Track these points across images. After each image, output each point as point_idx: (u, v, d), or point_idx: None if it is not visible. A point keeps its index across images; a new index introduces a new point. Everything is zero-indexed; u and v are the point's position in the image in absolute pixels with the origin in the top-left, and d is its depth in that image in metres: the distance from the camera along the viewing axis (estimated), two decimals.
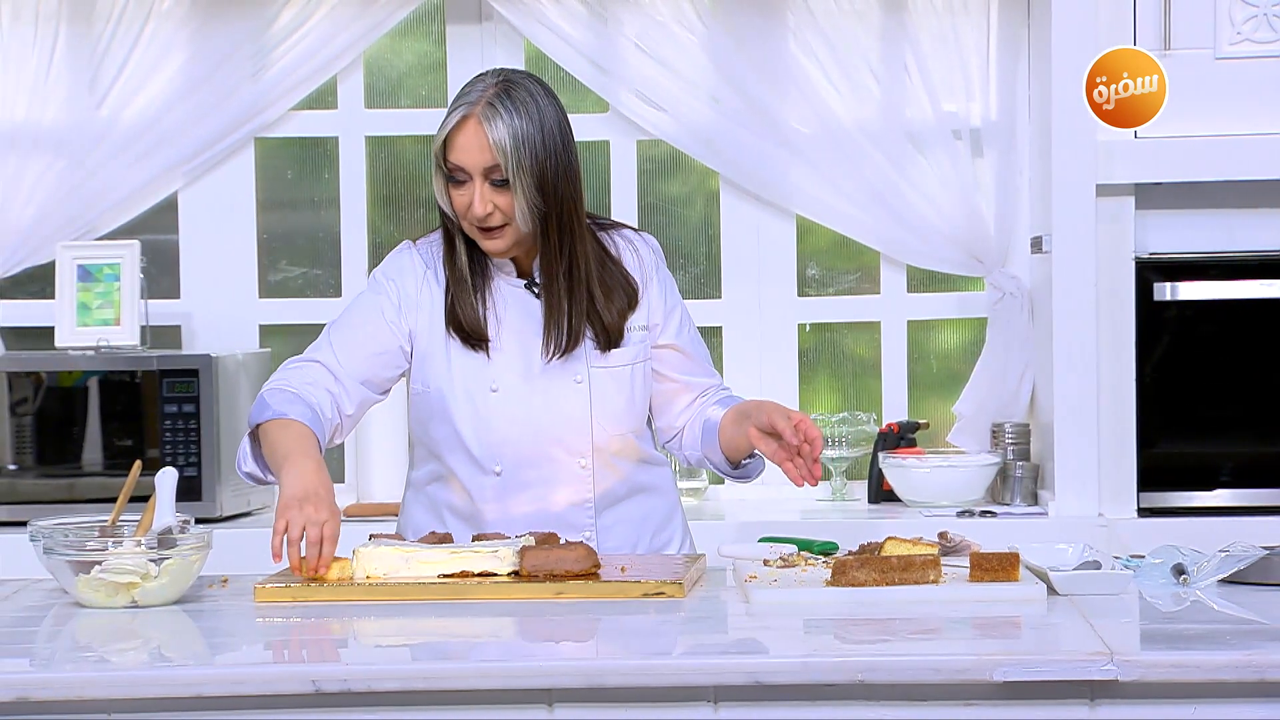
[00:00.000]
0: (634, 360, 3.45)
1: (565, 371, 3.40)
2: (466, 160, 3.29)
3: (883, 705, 2.56)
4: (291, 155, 5.21)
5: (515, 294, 3.42)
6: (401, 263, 3.46)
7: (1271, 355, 4.64)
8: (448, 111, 3.33)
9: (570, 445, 3.42)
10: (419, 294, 3.42)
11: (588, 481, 3.44)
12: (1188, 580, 3.08)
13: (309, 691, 2.55)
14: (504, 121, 3.27)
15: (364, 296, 3.48)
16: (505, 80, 3.33)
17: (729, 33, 4.94)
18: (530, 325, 3.41)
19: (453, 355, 3.40)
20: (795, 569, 3.16)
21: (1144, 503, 4.64)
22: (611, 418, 3.43)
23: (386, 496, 4.93)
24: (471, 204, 3.30)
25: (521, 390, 3.39)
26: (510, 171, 3.27)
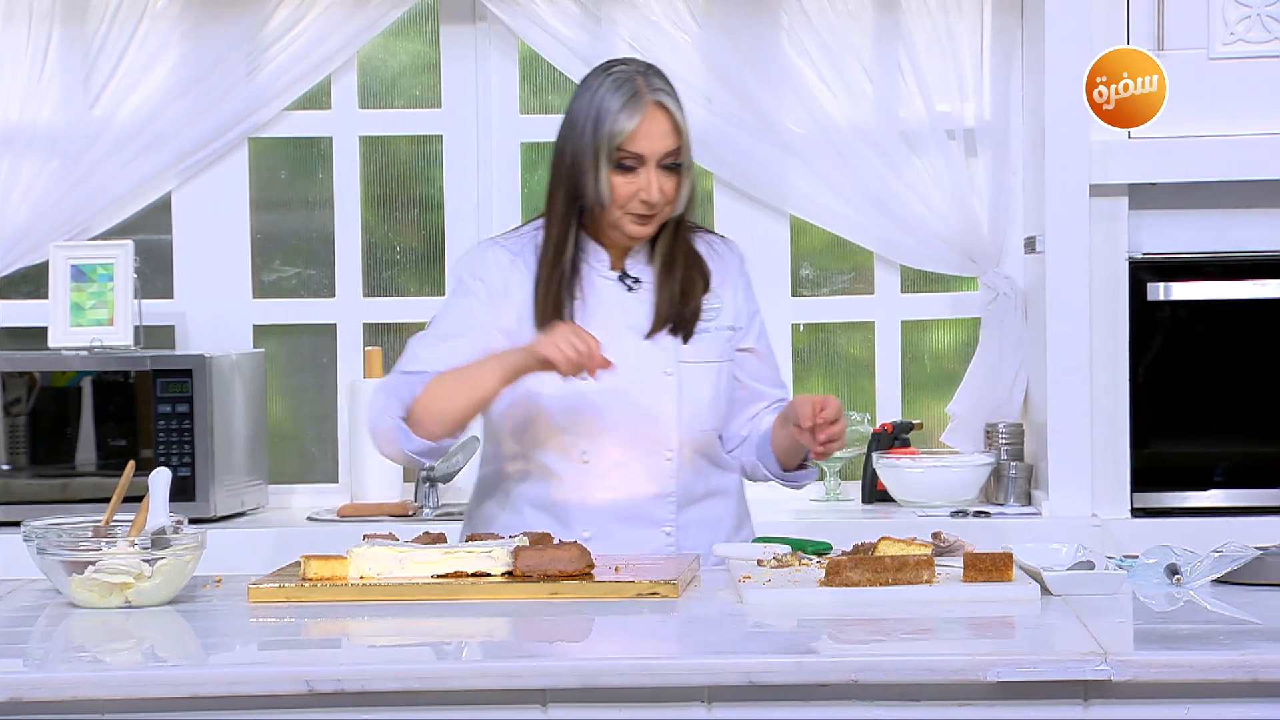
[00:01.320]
0: (720, 358, 3.49)
1: (655, 364, 3.44)
2: (648, 146, 3.35)
3: (877, 705, 2.56)
4: (285, 155, 5.20)
5: (608, 286, 3.46)
6: (486, 259, 3.48)
7: (1265, 355, 4.64)
8: (599, 107, 3.34)
9: (657, 437, 3.44)
10: (507, 287, 3.45)
11: (672, 475, 3.46)
12: (1181, 580, 3.08)
13: (303, 692, 2.55)
14: (677, 106, 3.38)
15: (451, 301, 3.49)
16: (647, 68, 3.40)
17: (723, 33, 4.94)
18: (621, 317, 3.44)
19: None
20: (789, 569, 3.16)
21: (1138, 503, 4.64)
22: (697, 413, 3.46)
23: (380, 497, 4.93)
24: (640, 191, 3.35)
25: (613, 380, 3.39)
26: (686, 154, 3.37)
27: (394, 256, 5.22)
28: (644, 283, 3.47)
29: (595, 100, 3.36)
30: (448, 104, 5.14)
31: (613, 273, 3.46)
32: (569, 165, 3.39)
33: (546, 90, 5.17)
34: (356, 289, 5.17)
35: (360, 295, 5.17)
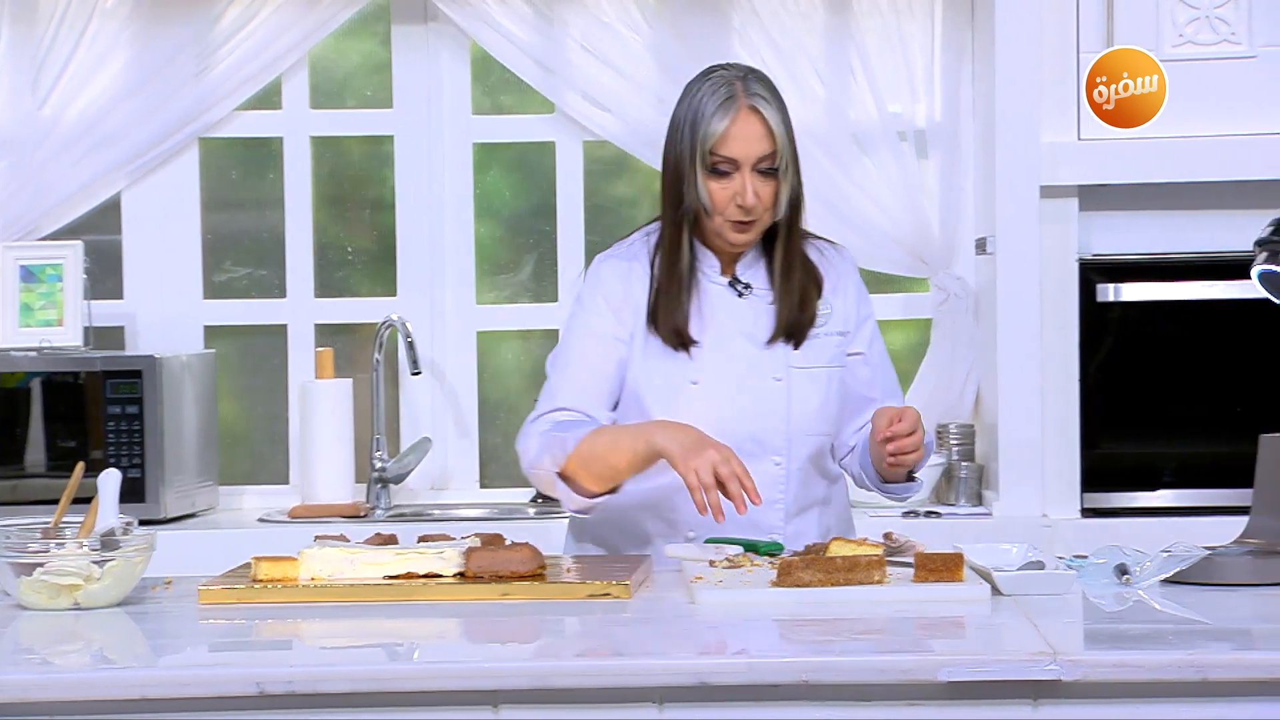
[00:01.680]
0: (830, 364, 3.48)
1: (766, 369, 3.43)
2: (741, 150, 3.34)
3: (828, 705, 2.56)
4: (236, 156, 5.19)
5: (719, 292, 3.45)
6: (601, 273, 3.48)
7: (1214, 356, 4.67)
8: (696, 111, 3.35)
9: (767, 443, 3.44)
10: (627, 295, 3.44)
11: (781, 482, 3.45)
12: (1130, 580, 3.09)
13: (253, 693, 2.54)
14: (773, 109, 3.36)
15: (573, 325, 3.48)
16: (747, 73, 3.39)
17: (674, 33, 4.94)
18: (733, 323, 3.44)
19: (651, 351, 3.42)
20: (741, 570, 3.16)
21: (1087, 503, 4.66)
22: (807, 419, 3.45)
23: (332, 498, 4.92)
24: (736, 195, 3.34)
25: (723, 386, 3.41)
26: (783, 157, 3.35)
27: (345, 257, 5.21)
28: (754, 289, 3.46)
29: (693, 105, 3.38)
30: (399, 104, 5.13)
31: (723, 278, 3.46)
32: (672, 171, 3.40)
33: (498, 90, 5.16)
34: (308, 289, 5.16)
35: (311, 296, 5.16)
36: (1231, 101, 4.57)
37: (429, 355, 5.09)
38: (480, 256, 5.17)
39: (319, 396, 4.97)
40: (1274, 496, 3.30)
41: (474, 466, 5.16)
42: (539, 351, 5.19)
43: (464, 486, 5.15)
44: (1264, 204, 3.57)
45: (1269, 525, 3.28)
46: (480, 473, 5.17)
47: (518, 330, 5.20)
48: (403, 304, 5.11)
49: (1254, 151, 4.55)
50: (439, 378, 5.13)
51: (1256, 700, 2.55)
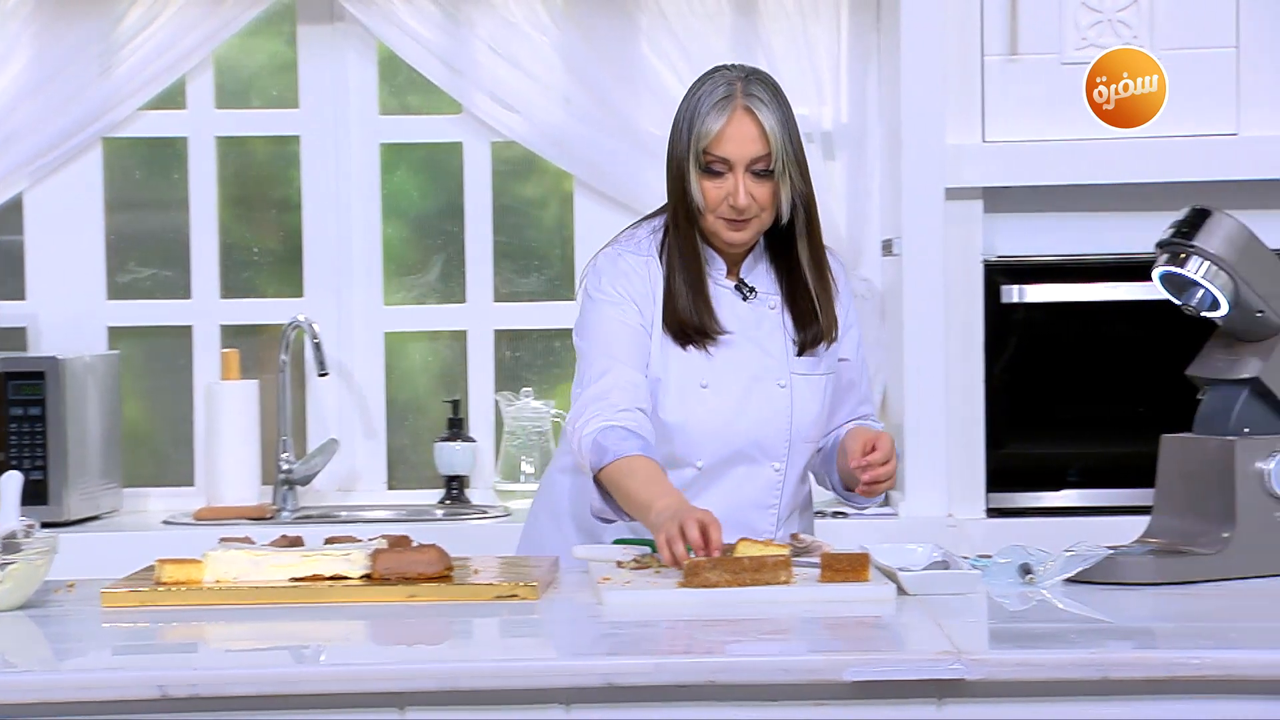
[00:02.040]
0: (828, 370, 3.49)
1: (771, 374, 3.43)
2: (735, 151, 3.33)
3: (734, 706, 2.57)
4: (140, 155, 5.15)
5: (726, 295, 3.45)
6: (619, 267, 3.45)
7: (1118, 357, 4.71)
8: (693, 109, 3.36)
9: (768, 448, 3.44)
10: (646, 291, 3.43)
11: (778, 486, 3.46)
12: (1034, 580, 3.12)
13: (156, 697, 2.53)
14: (770, 110, 3.35)
15: (602, 310, 3.43)
16: (750, 73, 3.39)
17: (581, 34, 4.94)
18: (740, 326, 3.43)
19: (667, 348, 3.42)
20: (649, 570, 3.16)
21: (992, 503, 4.69)
22: (806, 425, 3.46)
23: (237, 499, 4.90)
24: (729, 195, 3.34)
25: (730, 389, 3.41)
26: (779, 160, 3.34)
27: (251, 258, 5.18)
28: (759, 293, 3.47)
29: (691, 103, 3.39)
30: (305, 104, 5.10)
31: (729, 281, 3.47)
32: (674, 169, 3.40)
33: (405, 91, 5.15)
34: (213, 290, 5.12)
35: (217, 297, 5.13)
36: None
37: (336, 356, 5.07)
38: (387, 257, 5.15)
39: (225, 398, 4.95)
40: (1175, 496, 3.34)
41: (381, 468, 5.15)
42: (447, 353, 5.18)
43: (371, 488, 5.13)
44: (1165, 206, 3.59)
45: (1170, 525, 3.31)
46: (388, 474, 5.15)
47: (425, 331, 5.19)
48: (309, 305, 5.09)
49: (1156, 154, 4.59)
50: (346, 379, 5.11)
51: (1158, 699, 2.57)
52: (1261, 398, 3.28)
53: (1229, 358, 3.32)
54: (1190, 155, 4.58)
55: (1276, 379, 3.26)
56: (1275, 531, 3.23)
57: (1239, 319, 3.28)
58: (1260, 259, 3.26)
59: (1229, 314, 3.28)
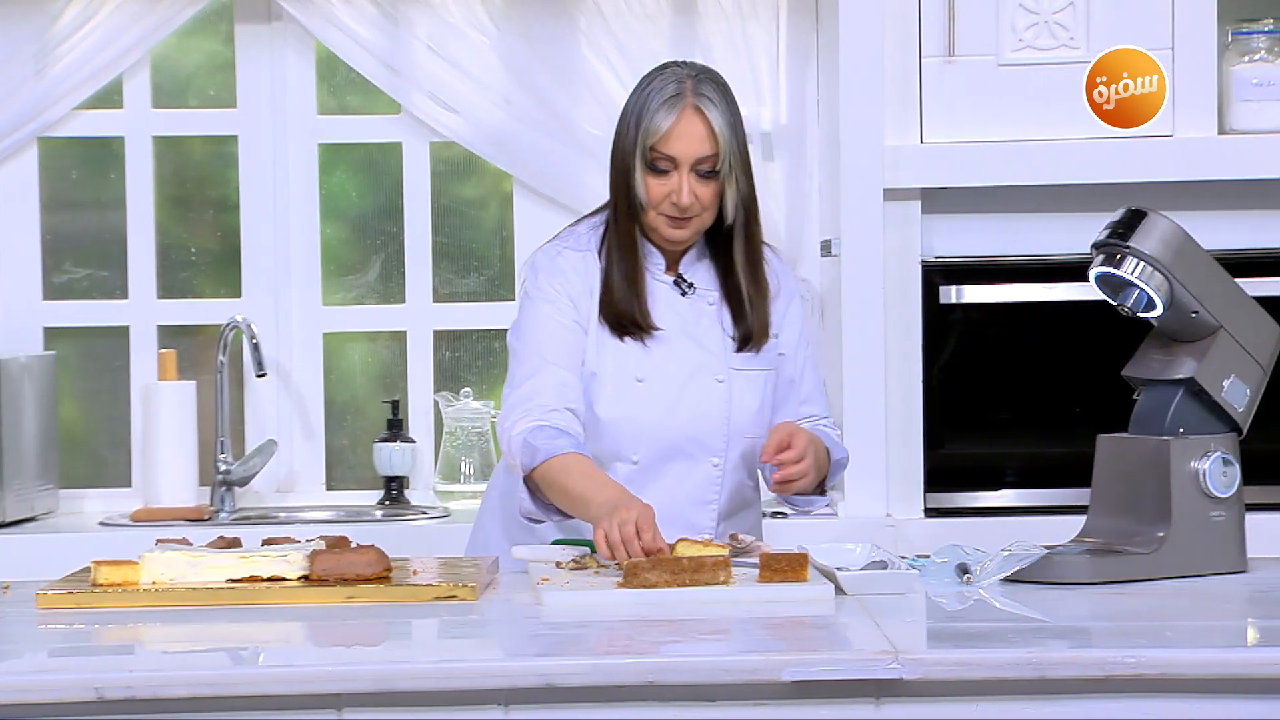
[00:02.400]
0: (767, 366, 3.49)
1: (708, 369, 3.44)
2: (681, 150, 3.33)
3: (673, 706, 2.57)
4: (76, 155, 5.12)
5: (664, 290, 3.45)
6: (558, 263, 3.46)
7: (1055, 357, 4.73)
8: (642, 105, 3.35)
9: (704, 443, 3.44)
10: (583, 287, 3.44)
11: (716, 482, 3.46)
12: (971, 579, 3.13)
13: (92, 699, 2.51)
14: (719, 111, 3.36)
15: (539, 310, 3.44)
16: (700, 72, 3.39)
17: (520, 35, 4.94)
18: (678, 322, 3.44)
19: (604, 341, 3.42)
20: (587, 571, 3.16)
21: (931, 503, 4.71)
22: (745, 421, 3.46)
23: (175, 501, 4.87)
24: (672, 193, 3.34)
25: (665, 384, 3.42)
26: (725, 161, 3.34)
27: (189, 258, 5.16)
28: (697, 288, 3.46)
29: (640, 99, 3.39)
30: (243, 104, 5.08)
31: (668, 276, 3.47)
32: (619, 163, 3.40)
33: (344, 91, 5.13)
34: (150, 291, 5.10)
35: (154, 297, 5.10)
36: (1070, 105, 4.63)
37: (274, 357, 5.05)
38: (326, 257, 5.13)
39: (162, 399, 4.92)
40: (1111, 496, 3.36)
41: (320, 469, 5.13)
42: (386, 353, 5.17)
43: (310, 489, 5.11)
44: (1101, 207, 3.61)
45: (1106, 524, 3.33)
46: (326, 475, 5.14)
47: (364, 332, 5.17)
48: (247, 305, 5.07)
49: (1093, 155, 4.61)
50: (284, 379, 5.10)
51: (1094, 698, 2.59)
52: (1196, 397, 3.30)
53: (1164, 358, 3.34)
54: (1126, 157, 4.60)
55: (1211, 379, 3.29)
56: (1210, 531, 3.25)
57: (1174, 319, 3.31)
58: (1195, 260, 3.28)
59: (1164, 314, 3.30)
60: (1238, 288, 3.34)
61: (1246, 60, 4.67)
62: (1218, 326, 3.29)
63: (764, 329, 3.47)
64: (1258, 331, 3.33)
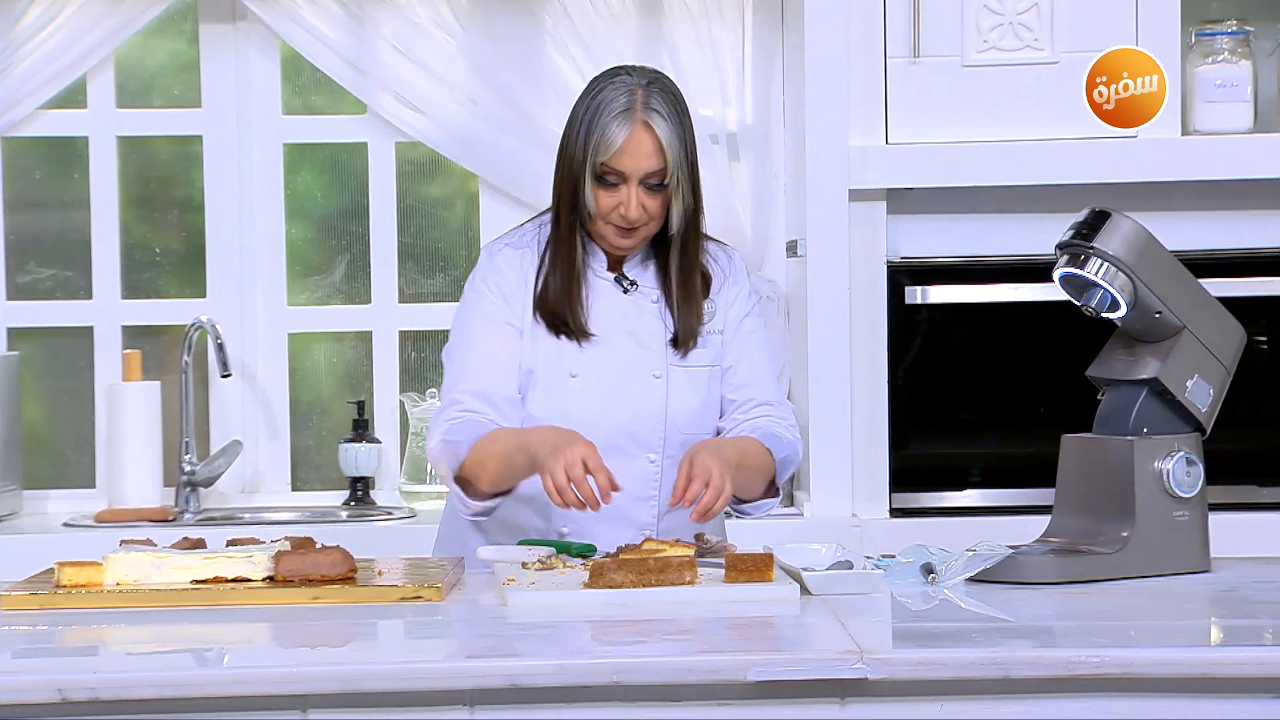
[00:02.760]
0: (711, 363, 3.49)
1: (645, 366, 3.44)
2: (630, 165, 3.34)
3: (638, 706, 2.57)
4: (40, 155, 5.11)
5: (605, 287, 3.46)
6: (496, 262, 3.48)
7: (1020, 358, 4.74)
8: (592, 116, 3.35)
9: (641, 440, 3.44)
10: (518, 283, 3.45)
11: (655, 479, 3.46)
12: (936, 579, 3.14)
13: (56, 700, 2.51)
14: (668, 126, 3.35)
15: (467, 310, 3.48)
16: (651, 80, 3.38)
17: (486, 35, 4.93)
18: (616, 319, 3.45)
19: (539, 338, 3.43)
20: (553, 571, 3.16)
21: (896, 503, 4.71)
22: (684, 418, 3.46)
23: (140, 501, 4.86)
24: (620, 206, 3.35)
25: (600, 379, 3.42)
26: (673, 175, 3.35)
27: (153, 258, 5.14)
28: (640, 286, 3.47)
29: (591, 107, 3.37)
30: (208, 104, 5.07)
31: (609, 274, 3.47)
32: (566, 169, 3.40)
33: (309, 91, 5.13)
34: (114, 291, 5.08)
35: (118, 297, 5.09)
36: (1034, 106, 4.64)
37: (239, 357, 5.04)
38: (291, 258, 5.12)
39: (126, 399, 4.91)
40: (1075, 496, 3.36)
41: (285, 469, 5.12)
42: (351, 353, 5.16)
43: (275, 489, 5.11)
44: (1066, 208, 3.62)
45: (1070, 524, 3.34)
46: (292, 475, 5.13)
47: (330, 332, 5.16)
48: (212, 306, 5.06)
49: (1057, 156, 4.63)
50: (249, 380, 5.09)
51: (1058, 697, 2.59)
52: (1160, 397, 3.31)
53: (1128, 358, 3.35)
54: (1090, 157, 4.62)
55: (1175, 379, 3.30)
56: (1174, 531, 3.27)
57: (1138, 320, 3.32)
58: (1158, 260, 3.29)
59: (1128, 315, 3.31)
60: (1201, 288, 3.35)
61: (1210, 61, 4.69)
62: (1181, 327, 3.31)
63: (691, 332, 3.46)
64: (1221, 332, 3.34)
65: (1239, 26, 4.71)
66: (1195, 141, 4.68)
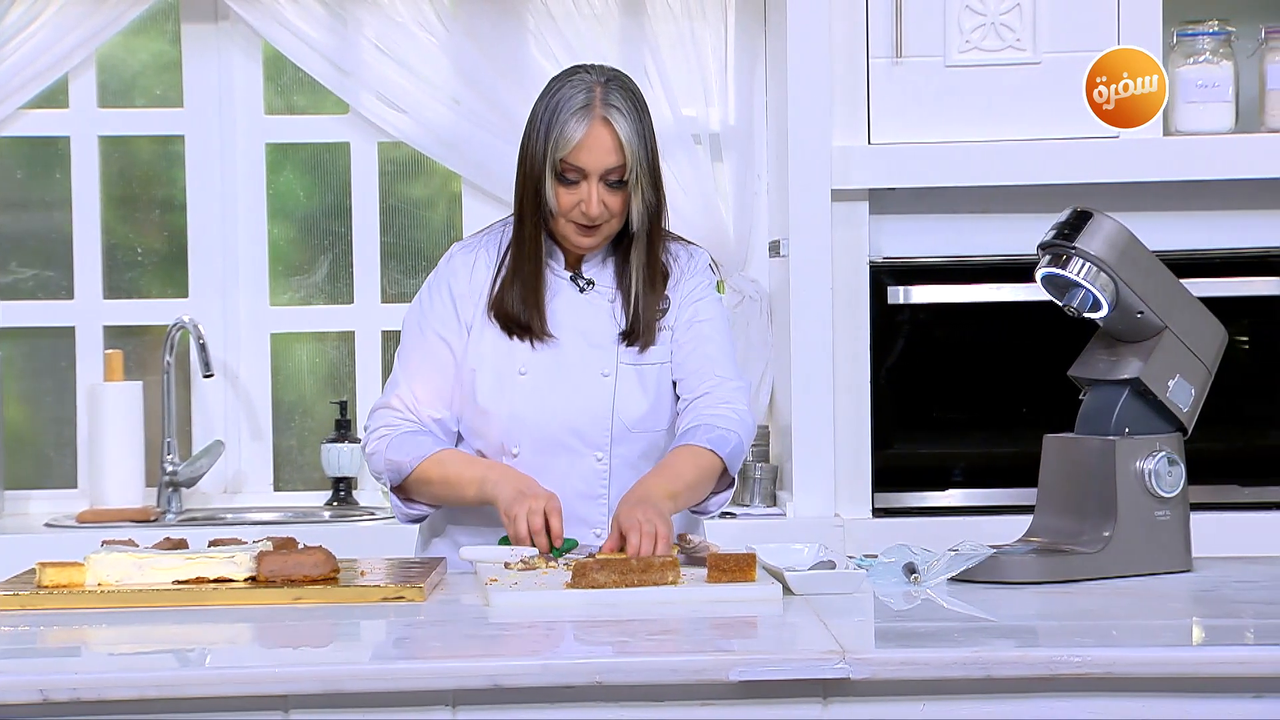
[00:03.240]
0: (662, 360, 3.48)
1: (594, 365, 3.44)
2: (590, 161, 3.34)
3: (621, 706, 2.57)
4: (22, 155, 5.10)
5: (561, 286, 3.46)
6: (452, 264, 3.50)
7: (1002, 358, 4.74)
8: (551, 113, 3.35)
9: (588, 438, 3.44)
10: (470, 284, 3.47)
11: (603, 477, 3.45)
12: (918, 579, 3.14)
13: (37, 701, 2.50)
14: (628, 122, 3.35)
15: (421, 316, 3.49)
16: (609, 78, 3.38)
17: (469, 35, 4.93)
18: (570, 317, 3.45)
19: (488, 336, 3.44)
20: (536, 571, 3.16)
21: (878, 503, 4.72)
22: (634, 416, 3.45)
23: (121, 502, 4.85)
24: (580, 203, 3.35)
25: (549, 376, 3.42)
26: (633, 172, 3.35)
27: (135, 258, 5.14)
28: (597, 285, 3.47)
29: (550, 106, 3.37)
30: (190, 104, 5.07)
31: (566, 272, 3.47)
32: (526, 169, 3.41)
33: (291, 91, 5.12)
34: (96, 291, 5.08)
35: (100, 297, 5.08)
36: (1016, 107, 4.65)
37: (221, 357, 5.04)
38: (273, 258, 5.12)
39: (108, 399, 4.90)
40: (1057, 496, 3.37)
41: (268, 470, 5.12)
42: (333, 354, 5.16)
43: (258, 490, 5.10)
44: (1047, 208, 3.63)
45: (1052, 524, 3.34)
46: (274, 476, 5.12)
47: (312, 332, 5.16)
48: (194, 305, 5.05)
49: (1038, 156, 4.63)
50: (232, 380, 5.08)
51: (1040, 697, 2.60)
52: (1142, 397, 3.32)
53: (1110, 358, 3.36)
54: (1072, 158, 4.62)
55: (1156, 379, 3.30)
56: (1155, 530, 3.27)
57: (1119, 320, 3.32)
58: (1140, 260, 3.30)
59: (1110, 315, 3.31)
60: (1182, 288, 3.35)
61: (1191, 62, 4.70)
62: (1163, 327, 3.31)
63: (650, 327, 3.47)
64: (1202, 332, 3.35)
65: (1220, 27, 4.72)
66: (1177, 142, 4.69)
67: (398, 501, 3.46)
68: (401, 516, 3.48)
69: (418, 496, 3.45)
